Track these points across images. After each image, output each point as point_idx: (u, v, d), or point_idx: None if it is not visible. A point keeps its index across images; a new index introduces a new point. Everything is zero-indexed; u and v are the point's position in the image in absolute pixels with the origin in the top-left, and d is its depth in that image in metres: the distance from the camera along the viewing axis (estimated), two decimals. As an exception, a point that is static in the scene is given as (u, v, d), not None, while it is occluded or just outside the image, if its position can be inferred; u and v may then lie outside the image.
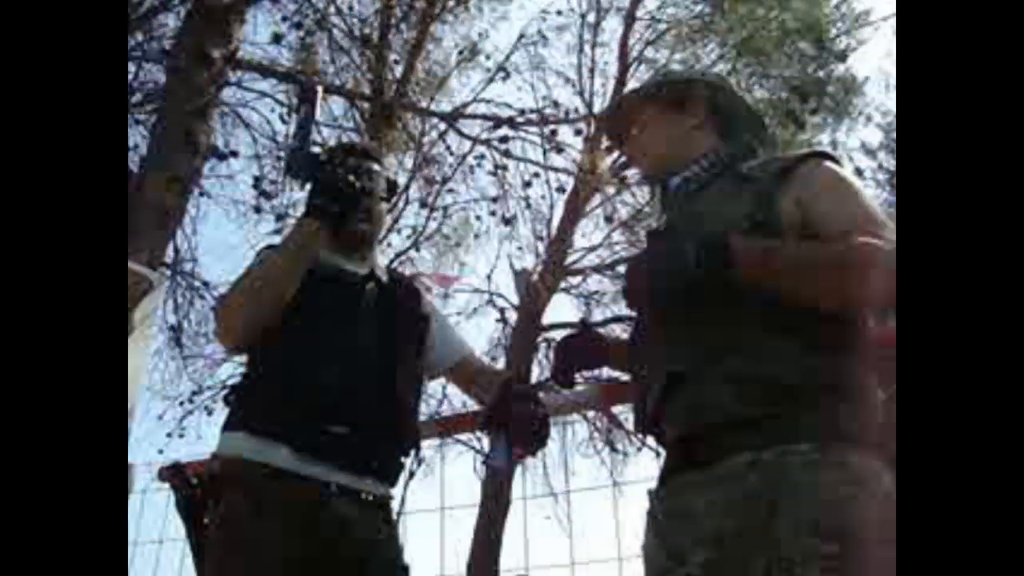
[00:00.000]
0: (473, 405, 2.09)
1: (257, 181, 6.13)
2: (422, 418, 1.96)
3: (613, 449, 8.60)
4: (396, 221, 6.39)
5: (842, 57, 8.93)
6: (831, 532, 1.04)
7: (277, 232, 6.18)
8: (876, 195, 10.31)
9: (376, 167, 1.87)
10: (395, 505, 1.71)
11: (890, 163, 10.45)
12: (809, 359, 1.18)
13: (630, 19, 9.91)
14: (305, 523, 1.50)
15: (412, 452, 1.73)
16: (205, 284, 6.43)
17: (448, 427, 2.82)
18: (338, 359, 1.62)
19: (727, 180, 1.38)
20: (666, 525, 1.24)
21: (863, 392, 1.20)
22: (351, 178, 1.68)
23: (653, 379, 1.31)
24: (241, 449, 1.56)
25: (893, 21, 9.97)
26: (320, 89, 1.79)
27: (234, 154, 6.02)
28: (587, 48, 9.67)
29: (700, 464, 1.21)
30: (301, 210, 1.82)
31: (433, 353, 1.87)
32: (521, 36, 8.29)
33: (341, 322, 1.68)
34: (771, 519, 1.07)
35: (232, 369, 7.11)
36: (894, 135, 9.98)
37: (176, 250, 5.90)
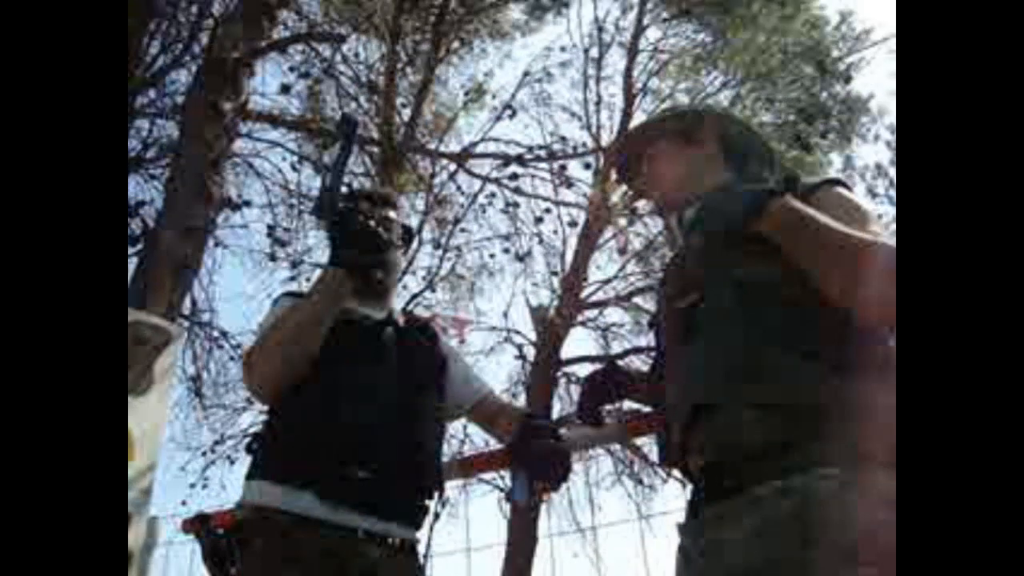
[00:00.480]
0: (495, 444, 2.07)
1: (271, 229, 6.19)
2: (445, 459, 1.95)
3: (639, 482, 8.51)
4: (410, 263, 6.42)
5: (846, 78, 8.96)
6: (869, 558, 1.01)
7: (292, 279, 6.23)
8: (888, 212, 10.29)
9: (393, 214, 1.89)
10: (422, 548, 1.70)
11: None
12: (830, 380, 1.15)
13: (632, 51, 10.02)
14: (333, 569, 1.49)
15: (436, 494, 1.72)
16: (224, 334, 6.47)
17: (471, 467, 2.80)
18: (359, 404, 1.62)
19: None
20: (697, 559, 1.21)
21: (884, 412, 1.18)
22: (377, 228, 1.70)
23: (677, 410, 1.30)
24: (265, 497, 1.56)
25: (893, 40, 10.03)
26: (360, 122, 1.84)
27: (247, 204, 6.09)
28: (591, 83, 9.77)
29: (727, 494, 1.18)
30: (318, 257, 1.84)
31: (453, 394, 1.86)
32: (526, 74, 8.42)
33: (361, 367, 1.68)
34: (806, 549, 1.04)
35: (252, 418, 7.12)
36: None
37: (193, 301, 5.95)
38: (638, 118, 9.88)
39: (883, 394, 1.13)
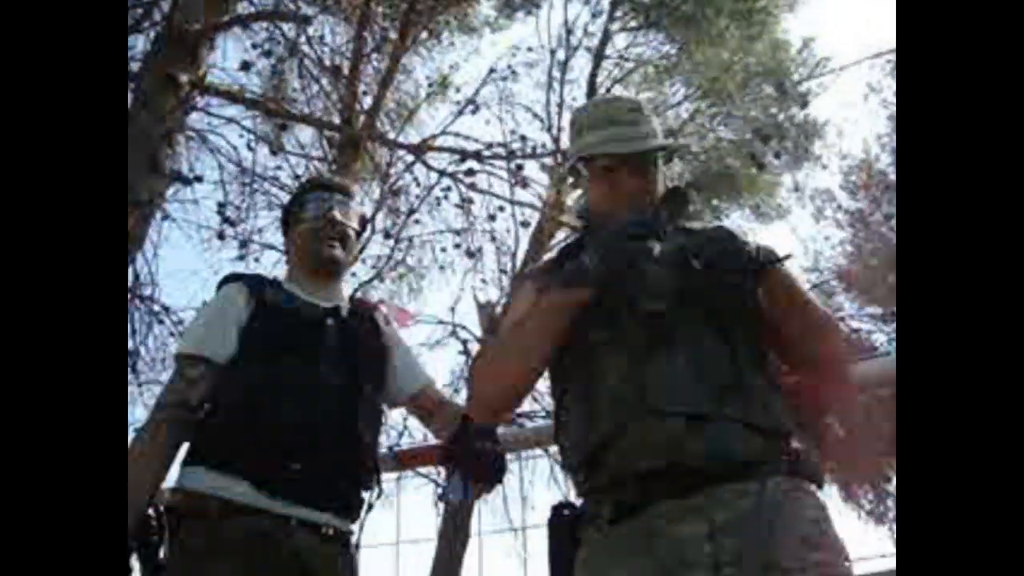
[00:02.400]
0: (433, 438, 2.08)
1: (221, 207, 6.08)
2: (382, 450, 1.96)
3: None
4: (361, 251, 6.38)
5: (803, 102, 9.16)
6: (815, 544, 1.24)
7: (240, 259, 6.13)
8: (834, 235, 10.55)
9: (351, 203, 1.91)
10: (354, 539, 1.71)
11: (849, 204, 10.68)
12: (788, 409, 1.38)
13: (599, 57, 10.09)
14: (264, 557, 1.50)
15: (373, 487, 1.74)
16: (165, 309, 6.32)
17: (408, 460, 2.80)
18: (299, 397, 1.63)
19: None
20: (647, 556, 1.26)
21: (810, 444, 1.38)
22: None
23: (645, 415, 1.32)
24: (200, 483, 1.56)
25: (853, 68, 10.28)
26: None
27: (199, 179, 5.96)
28: (556, 84, 9.82)
29: (684, 494, 1.28)
30: (268, 237, 1.86)
31: (394, 382, 1.88)
32: (492, 70, 8.39)
33: (303, 359, 1.68)
34: (770, 536, 1.22)
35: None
36: (852, 177, 10.23)
37: (136, 274, 5.81)
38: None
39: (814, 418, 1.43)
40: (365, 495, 1.74)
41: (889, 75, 10.37)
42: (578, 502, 1.46)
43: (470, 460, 1.64)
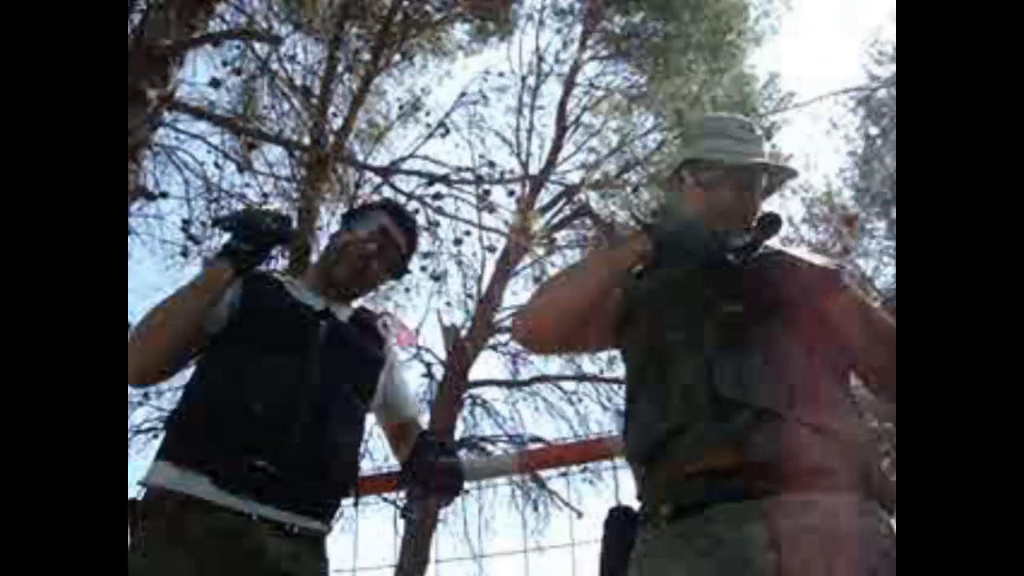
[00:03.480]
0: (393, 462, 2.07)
1: (186, 224, 6.03)
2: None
3: (535, 509, 8.58)
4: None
5: (767, 135, 9.34)
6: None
7: (203, 276, 6.08)
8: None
9: (403, 242, 1.92)
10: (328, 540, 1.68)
11: (810, 235, 10.88)
12: (861, 422, 1.35)
13: (569, 85, 10.21)
14: (223, 552, 1.47)
15: (348, 492, 1.72)
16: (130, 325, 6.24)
17: (366, 487, 2.78)
18: (271, 392, 1.59)
19: None
20: (701, 557, 1.22)
21: (882, 459, 1.35)
22: (270, 221, 1.73)
23: (734, 406, 1.30)
24: (161, 478, 1.54)
25: (816, 104, 10.50)
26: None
27: (164, 195, 5.93)
28: (526, 110, 9.92)
29: (747, 496, 1.23)
30: None
31: (382, 400, 1.85)
32: (463, 94, 8.45)
33: (283, 356, 1.65)
34: (835, 557, 1.15)
35: (147, 413, 6.89)
36: (815, 209, 10.42)
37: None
38: (568, 150, 10.07)
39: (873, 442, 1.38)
40: (339, 500, 1.70)
41: (851, 111, 10.63)
42: (636, 505, 1.41)
43: (430, 474, 1.64)
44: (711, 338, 1.37)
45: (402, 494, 1.98)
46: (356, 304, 1.93)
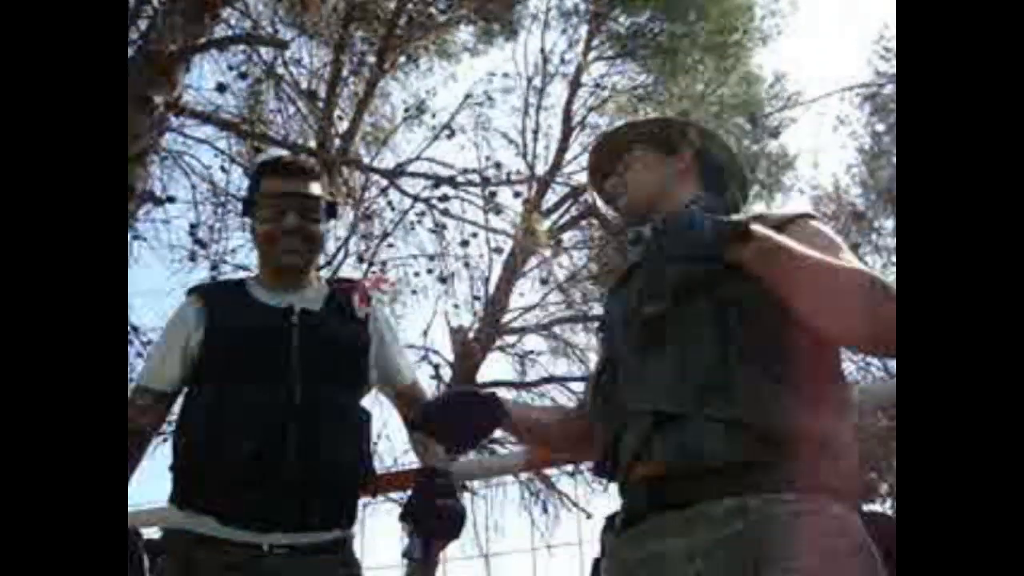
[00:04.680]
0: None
1: (193, 228, 6.06)
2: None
3: (544, 511, 8.57)
4: (334, 275, 6.37)
5: (774, 133, 9.32)
6: None
7: (212, 279, 6.11)
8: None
9: (314, 187, 1.78)
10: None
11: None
12: (795, 407, 1.18)
13: (575, 85, 10.20)
14: None
15: (359, 493, 1.72)
16: (135, 329, 6.28)
17: (381, 485, 2.80)
18: (253, 424, 1.58)
19: None
20: (638, 569, 1.20)
21: (844, 448, 1.22)
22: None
23: (636, 416, 1.27)
24: (172, 520, 1.60)
25: (823, 101, 10.47)
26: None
27: (171, 199, 5.96)
28: (532, 111, 9.92)
29: (675, 506, 1.18)
30: (241, 259, 1.82)
31: (376, 378, 1.80)
32: (468, 96, 8.47)
33: (260, 377, 1.62)
34: (761, 566, 1.07)
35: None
36: (821, 208, 10.40)
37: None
38: (574, 151, 10.07)
39: (844, 431, 1.22)
40: (352, 501, 1.69)
41: (857, 108, 10.59)
42: None
43: (431, 519, 1.62)
44: (633, 342, 1.32)
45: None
46: (324, 277, 1.87)
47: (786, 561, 1.07)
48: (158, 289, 8.04)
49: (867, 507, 1.44)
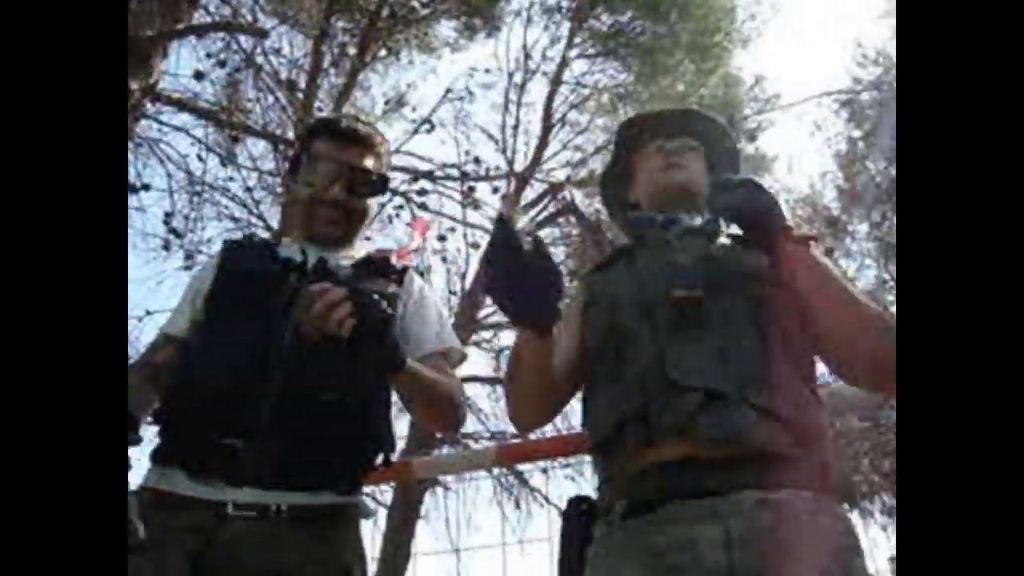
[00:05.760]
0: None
1: (168, 217, 6.00)
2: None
3: (517, 506, 8.58)
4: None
5: (752, 136, 9.38)
6: None
7: (187, 268, 6.05)
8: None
9: (370, 162, 1.67)
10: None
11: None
12: (817, 412, 1.27)
13: (556, 82, 10.20)
14: (191, 551, 1.31)
15: (367, 456, 1.48)
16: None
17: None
18: (235, 358, 1.42)
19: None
20: (669, 553, 1.17)
21: (836, 453, 1.29)
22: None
23: (667, 392, 1.25)
24: (148, 480, 1.41)
25: (800, 105, 10.57)
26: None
27: (146, 187, 5.89)
28: (512, 107, 9.90)
29: (701, 494, 1.18)
30: (216, 249, 1.72)
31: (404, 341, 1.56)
32: (448, 90, 8.45)
33: (254, 317, 1.48)
34: (786, 559, 1.10)
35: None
36: (798, 211, 10.49)
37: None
38: (553, 147, 10.09)
39: (832, 436, 1.32)
40: (354, 463, 1.47)
41: (835, 113, 10.70)
42: (595, 496, 1.35)
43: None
44: (666, 322, 1.32)
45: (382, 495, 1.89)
46: (361, 245, 1.73)
47: (808, 559, 1.11)
48: (131, 278, 7.94)
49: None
